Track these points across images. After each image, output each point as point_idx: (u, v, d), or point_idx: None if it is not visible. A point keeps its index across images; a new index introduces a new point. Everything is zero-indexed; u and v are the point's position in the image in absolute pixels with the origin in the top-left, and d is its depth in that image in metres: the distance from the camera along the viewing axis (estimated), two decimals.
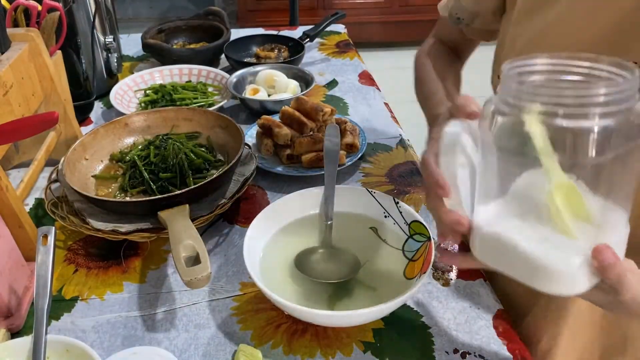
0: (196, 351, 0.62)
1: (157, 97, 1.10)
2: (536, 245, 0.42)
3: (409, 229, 0.69)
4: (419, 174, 0.91)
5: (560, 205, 0.41)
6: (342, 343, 0.62)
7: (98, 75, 1.14)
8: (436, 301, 0.68)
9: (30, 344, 0.55)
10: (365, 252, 0.69)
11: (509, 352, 0.61)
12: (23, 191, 0.79)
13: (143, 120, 0.91)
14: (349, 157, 0.90)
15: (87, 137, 0.85)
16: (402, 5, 3.46)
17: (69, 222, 0.73)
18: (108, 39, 1.14)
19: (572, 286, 0.43)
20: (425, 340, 0.63)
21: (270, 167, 0.89)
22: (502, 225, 0.45)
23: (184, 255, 0.63)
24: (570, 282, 0.42)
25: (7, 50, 0.78)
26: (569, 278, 0.42)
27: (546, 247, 0.42)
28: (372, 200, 0.73)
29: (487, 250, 0.46)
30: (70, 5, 1.03)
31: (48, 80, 0.87)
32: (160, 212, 0.70)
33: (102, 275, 0.72)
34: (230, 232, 0.79)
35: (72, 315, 0.67)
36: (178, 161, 0.81)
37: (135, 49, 1.40)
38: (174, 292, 0.70)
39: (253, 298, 0.68)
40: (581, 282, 0.42)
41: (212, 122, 0.90)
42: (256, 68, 1.17)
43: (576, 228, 0.42)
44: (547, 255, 0.42)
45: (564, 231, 0.42)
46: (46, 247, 0.59)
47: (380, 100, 1.15)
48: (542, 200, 0.42)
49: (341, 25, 1.55)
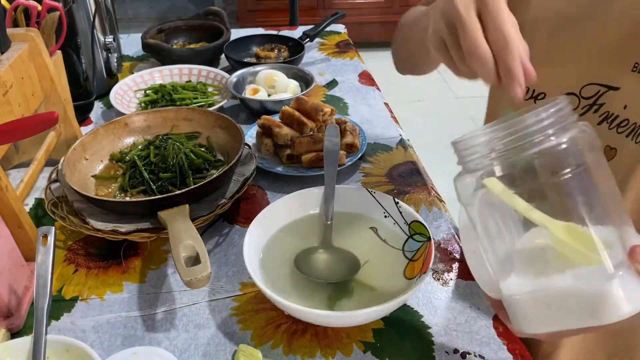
0: (196, 351, 0.62)
1: (157, 97, 1.10)
2: (573, 283, 0.42)
3: (409, 229, 0.69)
4: (419, 174, 0.91)
5: (569, 240, 0.41)
6: (342, 343, 0.62)
7: (98, 75, 1.14)
8: (436, 301, 0.68)
9: (30, 344, 0.55)
10: (365, 252, 0.69)
11: (509, 352, 0.61)
12: (23, 191, 0.79)
13: (143, 120, 0.91)
14: (349, 157, 0.90)
15: (87, 137, 0.85)
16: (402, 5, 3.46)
17: (69, 222, 0.73)
18: (108, 39, 1.14)
19: (628, 301, 0.41)
20: (425, 340, 0.63)
21: (270, 167, 0.89)
22: (531, 286, 0.44)
23: (184, 255, 0.63)
24: (624, 297, 0.41)
25: (7, 50, 0.78)
26: (619, 292, 0.41)
27: (582, 282, 0.42)
28: (372, 200, 0.73)
29: (531, 317, 0.45)
30: (70, 5, 1.03)
31: (48, 80, 0.87)
32: (160, 212, 0.70)
33: (102, 275, 0.72)
34: (230, 232, 0.79)
35: (72, 315, 0.67)
36: (178, 161, 0.81)
37: (135, 49, 1.40)
38: (174, 292, 0.70)
39: (253, 298, 0.68)
40: (634, 292, 0.41)
41: (212, 122, 0.90)
42: (256, 68, 1.17)
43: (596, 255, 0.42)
44: (589, 285, 0.41)
45: (587, 261, 0.42)
46: (46, 247, 0.59)
47: (380, 100, 1.15)
48: (552, 248, 0.42)
49: (341, 25, 1.55)
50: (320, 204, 0.74)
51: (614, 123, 0.61)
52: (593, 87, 0.62)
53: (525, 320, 0.46)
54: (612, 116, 0.61)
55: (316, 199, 0.74)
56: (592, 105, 0.62)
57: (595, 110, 0.62)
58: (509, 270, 0.46)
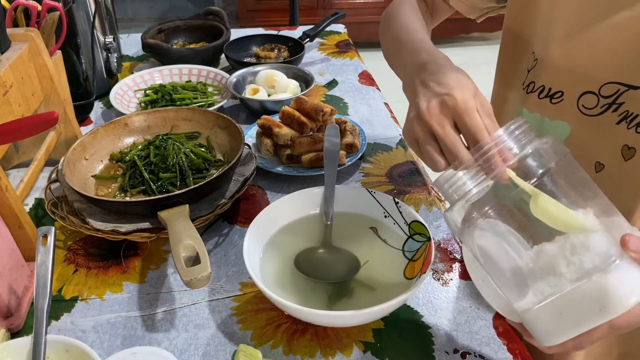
0: (196, 351, 0.62)
1: (157, 97, 1.10)
2: (577, 283, 0.43)
3: (409, 229, 0.69)
4: (419, 174, 0.91)
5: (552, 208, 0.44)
6: (342, 343, 0.62)
7: (98, 75, 1.14)
8: (436, 301, 0.68)
9: (30, 344, 0.55)
10: (365, 252, 0.69)
11: (509, 352, 0.61)
12: (23, 191, 0.79)
13: (143, 120, 0.91)
14: (349, 157, 0.90)
15: (87, 137, 0.85)
16: None
17: (68, 222, 0.73)
18: (108, 39, 1.14)
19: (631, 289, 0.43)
20: (425, 340, 0.63)
21: (270, 167, 0.89)
22: (540, 298, 0.45)
23: (183, 255, 0.63)
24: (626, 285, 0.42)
25: (7, 50, 0.78)
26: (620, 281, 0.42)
27: (584, 280, 0.43)
28: (372, 200, 0.73)
29: (549, 328, 0.46)
30: (70, 5, 1.03)
31: (48, 80, 0.87)
32: (160, 212, 0.70)
33: (102, 275, 0.72)
34: (230, 232, 0.79)
35: (72, 315, 0.67)
36: (178, 161, 0.81)
37: (135, 49, 1.40)
38: (174, 292, 0.70)
39: (253, 298, 0.68)
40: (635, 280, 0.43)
41: (212, 122, 0.90)
42: (256, 68, 1.17)
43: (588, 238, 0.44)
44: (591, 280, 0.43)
45: (578, 228, 0.44)
46: (46, 247, 0.59)
47: (380, 100, 1.15)
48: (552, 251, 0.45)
49: (341, 25, 1.55)
50: (320, 204, 0.74)
51: (633, 122, 0.60)
52: (613, 86, 0.61)
53: (546, 333, 0.46)
54: (631, 115, 0.60)
55: (316, 199, 0.74)
56: (612, 104, 0.62)
57: (615, 109, 0.61)
58: (517, 288, 0.47)
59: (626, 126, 0.61)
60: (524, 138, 0.47)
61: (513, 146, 0.47)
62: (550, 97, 0.67)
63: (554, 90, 0.67)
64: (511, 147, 0.47)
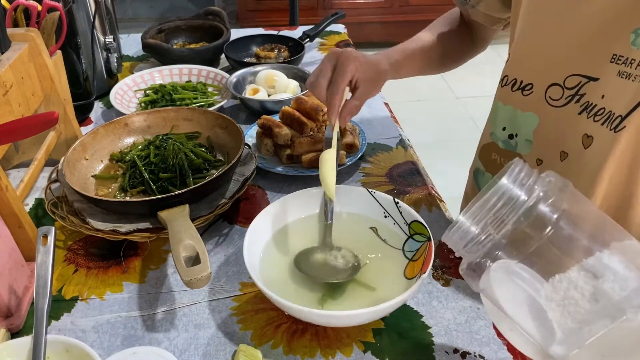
0: (196, 351, 0.62)
1: (157, 97, 1.10)
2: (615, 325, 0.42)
3: (409, 229, 0.69)
4: (419, 174, 0.91)
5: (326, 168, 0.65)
6: (342, 343, 0.62)
7: (98, 75, 1.14)
8: (436, 301, 0.68)
9: (30, 344, 0.55)
10: (365, 252, 0.69)
11: (509, 352, 0.61)
12: (23, 191, 0.79)
13: (143, 120, 0.91)
14: (349, 157, 0.90)
15: (87, 137, 0.85)
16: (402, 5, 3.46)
17: (69, 222, 0.73)
18: (108, 39, 1.14)
19: None
20: (425, 340, 0.63)
21: (270, 167, 0.89)
22: (577, 342, 0.44)
23: (184, 255, 0.63)
24: None
25: (7, 50, 0.78)
26: None
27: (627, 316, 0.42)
28: (372, 200, 0.73)
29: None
30: (70, 5, 1.03)
31: (48, 80, 0.87)
32: (160, 212, 0.70)
33: (102, 275, 0.72)
34: (230, 232, 0.79)
35: (72, 315, 0.67)
36: (178, 161, 0.81)
37: (135, 49, 1.40)
38: (174, 292, 0.70)
39: (253, 298, 0.68)
40: None
41: (212, 122, 0.90)
42: (256, 68, 1.17)
43: None
44: (629, 320, 0.41)
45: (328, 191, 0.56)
46: (46, 247, 0.59)
47: (380, 100, 1.15)
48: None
49: (341, 25, 1.55)
50: (320, 204, 0.74)
51: (592, 112, 0.63)
52: (575, 78, 0.65)
53: None
54: (591, 105, 0.63)
55: (316, 199, 0.74)
56: (574, 95, 0.65)
57: (577, 100, 0.65)
58: (549, 333, 0.45)
59: (586, 116, 0.64)
60: (529, 180, 0.46)
61: (520, 193, 0.45)
62: (522, 90, 0.71)
63: (525, 82, 0.71)
64: (519, 194, 0.45)
